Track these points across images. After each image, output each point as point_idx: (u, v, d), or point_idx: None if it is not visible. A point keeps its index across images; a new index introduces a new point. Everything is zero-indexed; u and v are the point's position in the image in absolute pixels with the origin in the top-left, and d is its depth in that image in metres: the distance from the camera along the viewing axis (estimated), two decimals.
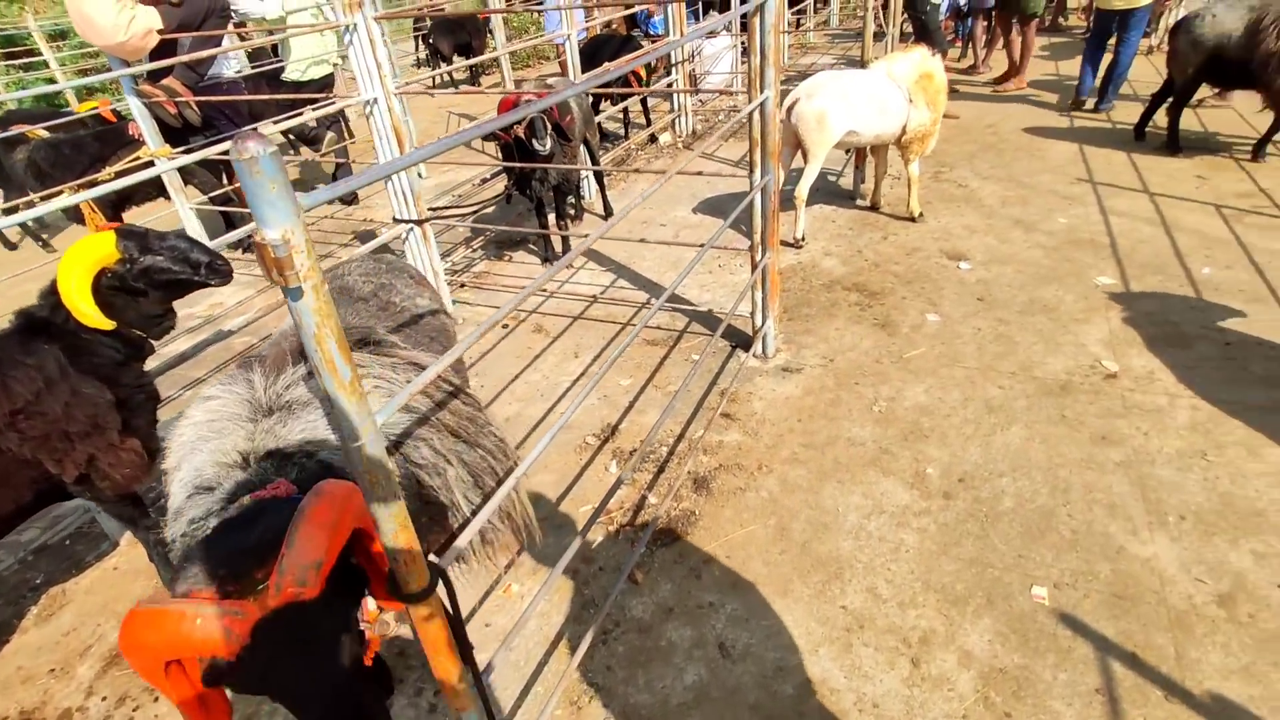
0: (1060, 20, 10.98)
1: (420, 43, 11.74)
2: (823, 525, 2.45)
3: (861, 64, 4.82)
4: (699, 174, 5.49)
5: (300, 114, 4.07)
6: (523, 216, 5.41)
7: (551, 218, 4.77)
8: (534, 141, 3.71)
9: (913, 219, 4.66)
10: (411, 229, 3.89)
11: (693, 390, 3.25)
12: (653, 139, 6.99)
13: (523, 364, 3.61)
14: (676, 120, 7.10)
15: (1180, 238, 4.10)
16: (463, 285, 4.49)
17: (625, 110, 6.99)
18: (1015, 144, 5.94)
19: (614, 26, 10.24)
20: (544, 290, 4.29)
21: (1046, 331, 3.37)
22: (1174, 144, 5.29)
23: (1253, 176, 4.85)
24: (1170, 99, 5.29)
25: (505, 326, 3.97)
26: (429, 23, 10.49)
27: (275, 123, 4.76)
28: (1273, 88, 4.68)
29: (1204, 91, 5.77)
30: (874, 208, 4.95)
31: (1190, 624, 2.01)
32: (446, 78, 10.52)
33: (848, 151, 5.09)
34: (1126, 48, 6.57)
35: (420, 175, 6.74)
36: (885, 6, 6.88)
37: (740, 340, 3.57)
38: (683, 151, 6.73)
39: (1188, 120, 5.68)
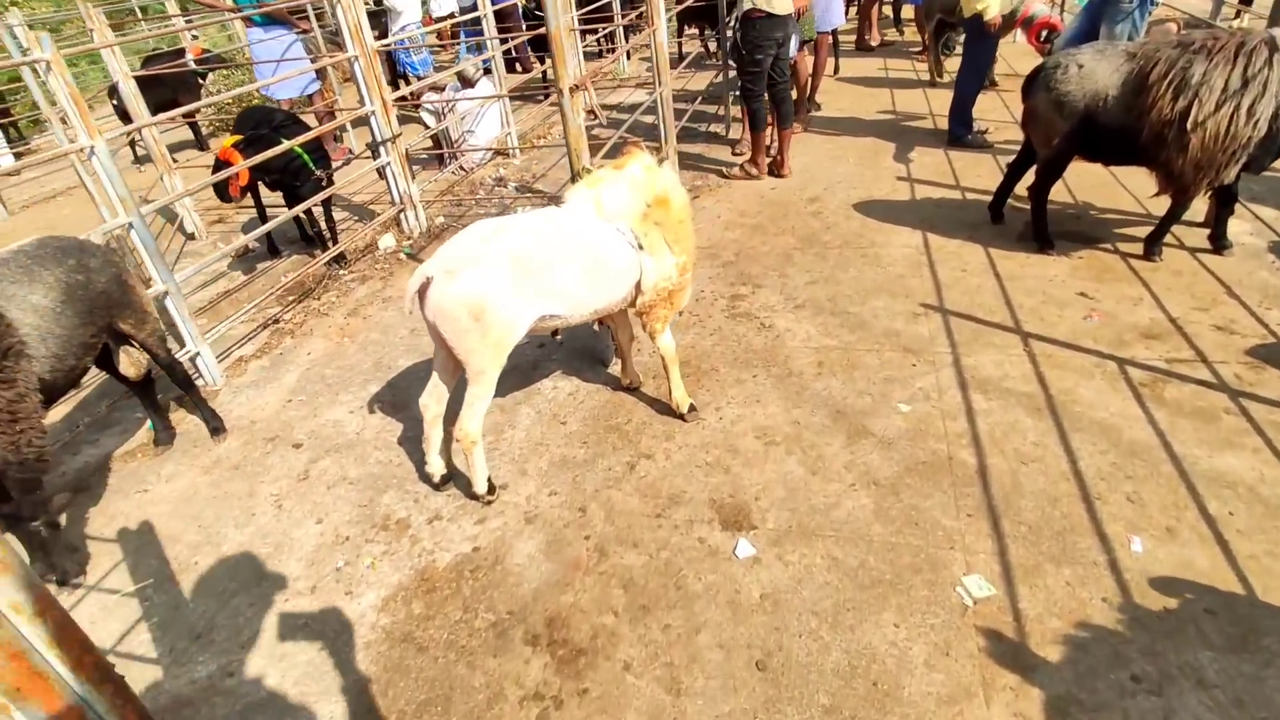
0: (899, 31, 9.78)
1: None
2: None
3: (572, 175, 3.04)
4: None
5: None
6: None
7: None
8: None
9: (681, 417, 2.92)
10: None
11: None
12: (337, 259, 4.99)
13: None
14: (403, 215, 5.13)
15: (1083, 448, 2.52)
16: None
17: (317, 217, 4.89)
18: (844, 233, 4.35)
19: None
20: None
21: None
22: (1043, 239, 3.81)
23: (1152, 290, 3.40)
24: (1036, 175, 3.80)
25: None
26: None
27: None
28: (1172, 169, 3.24)
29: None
30: (631, 388, 3.17)
31: None
32: (139, 151, 8.09)
33: (555, 334, 3.28)
34: (961, 71, 5.25)
35: None
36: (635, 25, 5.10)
37: None
38: (405, 265, 4.78)
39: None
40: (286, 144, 4.24)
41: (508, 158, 6.56)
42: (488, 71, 6.71)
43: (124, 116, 7.85)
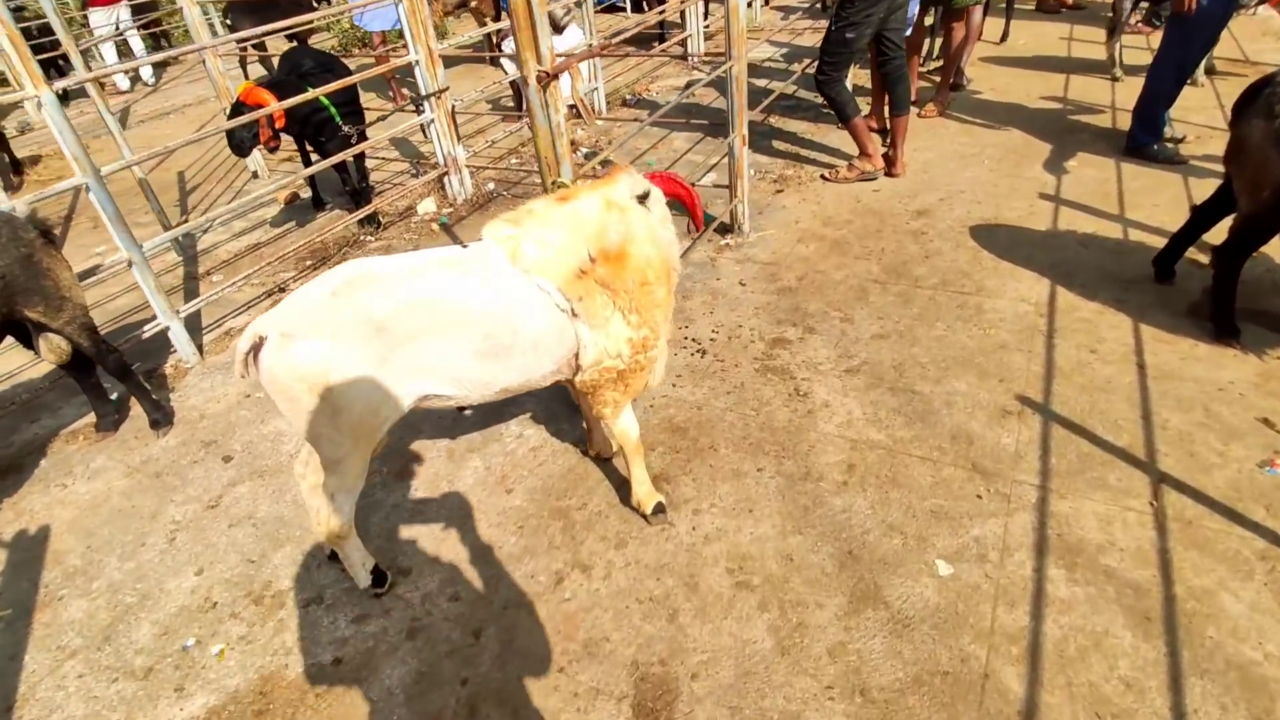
0: None
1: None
2: None
3: (544, 190, 2.36)
4: None
5: None
6: None
7: None
8: None
9: (645, 517, 2.26)
10: None
11: None
12: (368, 221, 4.54)
13: None
14: (446, 179, 4.63)
15: (1204, 710, 1.64)
16: None
17: (353, 167, 4.43)
18: (946, 267, 3.40)
19: (473, 5, 7.66)
20: None
21: None
22: (1224, 323, 2.71)
23: None
24: (1232, 231, 2.69)
25: None
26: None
27: None
28: None
29: None
30: (599, 458, 2.54)
31: None
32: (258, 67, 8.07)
33: (462, 410, 2.63)
34: (1156, 57, 4.02)
35: None
36: None
37: None
38: (438, 237, 4.31)
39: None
40: (311, 93, 3.81)
41: (594, 116, 5.87)
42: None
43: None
